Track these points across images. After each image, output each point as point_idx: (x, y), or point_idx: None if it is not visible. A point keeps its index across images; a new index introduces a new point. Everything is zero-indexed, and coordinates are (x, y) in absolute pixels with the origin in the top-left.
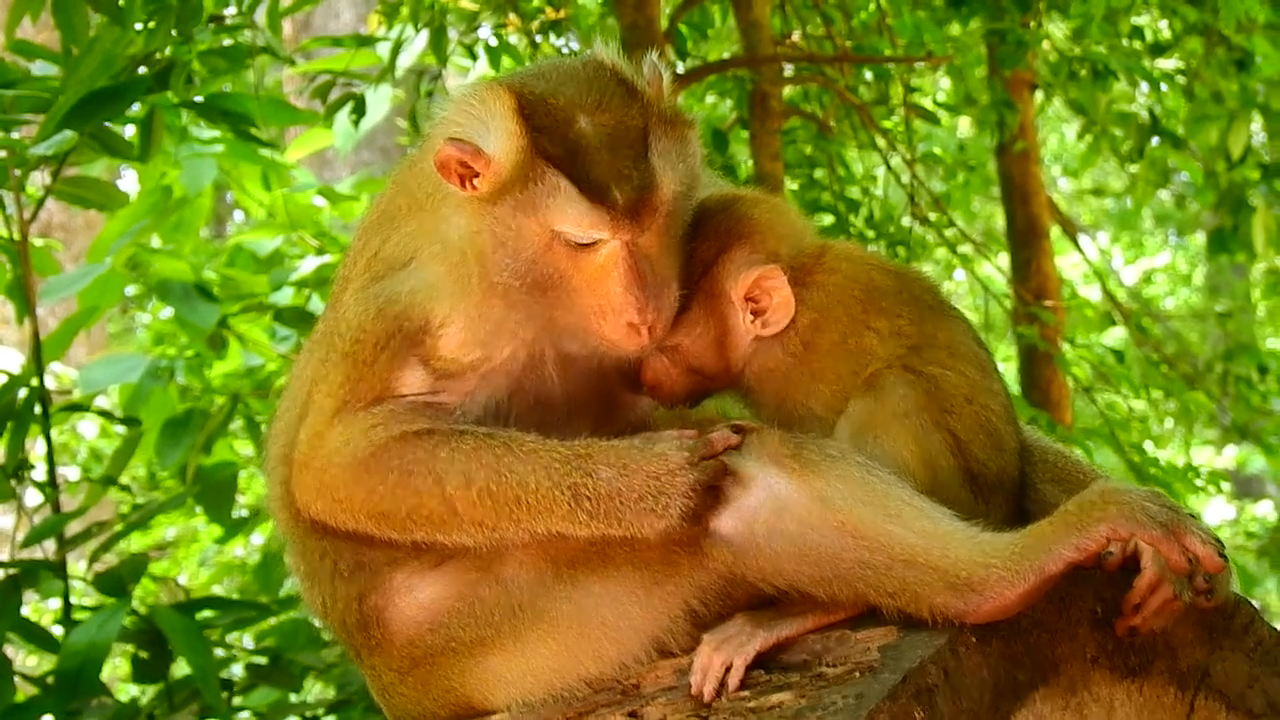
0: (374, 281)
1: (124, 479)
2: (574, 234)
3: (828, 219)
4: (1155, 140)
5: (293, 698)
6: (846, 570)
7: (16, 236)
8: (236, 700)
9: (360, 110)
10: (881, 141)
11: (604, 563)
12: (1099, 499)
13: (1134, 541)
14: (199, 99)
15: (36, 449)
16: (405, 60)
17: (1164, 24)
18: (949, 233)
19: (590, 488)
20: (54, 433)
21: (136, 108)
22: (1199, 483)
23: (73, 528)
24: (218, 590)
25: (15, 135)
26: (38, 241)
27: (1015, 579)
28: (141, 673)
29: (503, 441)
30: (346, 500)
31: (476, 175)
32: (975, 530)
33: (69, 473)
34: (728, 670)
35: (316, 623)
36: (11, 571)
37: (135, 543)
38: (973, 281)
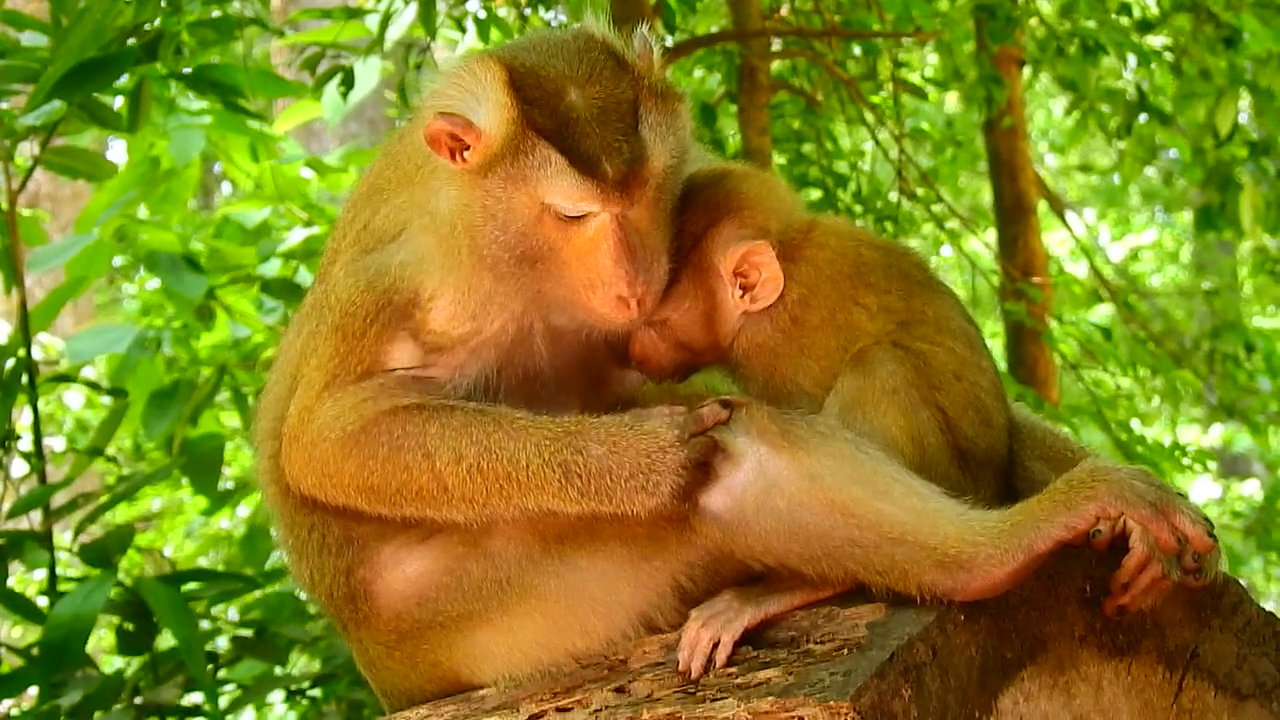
0: (363, 254)
1: (110, 450)
2: (564, 206)
3: (815, 194)
4: (1143, 117)
5: (278, 670)
6: (835, 548)
7: (4, 206)
8: (222, 673)
9: (349, 82)
10: (870, 116)
11: (592, 538)
12: (1088, 477)
13: (1123, 520)
14: (188, 70)
15: (23, 419)
16: (394, 32)
17: (1152, 1)
18: (936, 208)
19: (581, 465)
20: (40, 403)
21: (125, 79)
22: (1185, 461)
23: (58, 499)
24: (203, 562)
25: (4, 105)
26: (25, 212)
27: (1004, 557)
28: (127, 645)
29: (493, 418)
30: (336, 474)
31: (467, 148)
32: (964, 508)
33: (55, 443)
34: (715, 646)
35: (302, 595)
36: None
37: (121, 514)
38: (960, 257)
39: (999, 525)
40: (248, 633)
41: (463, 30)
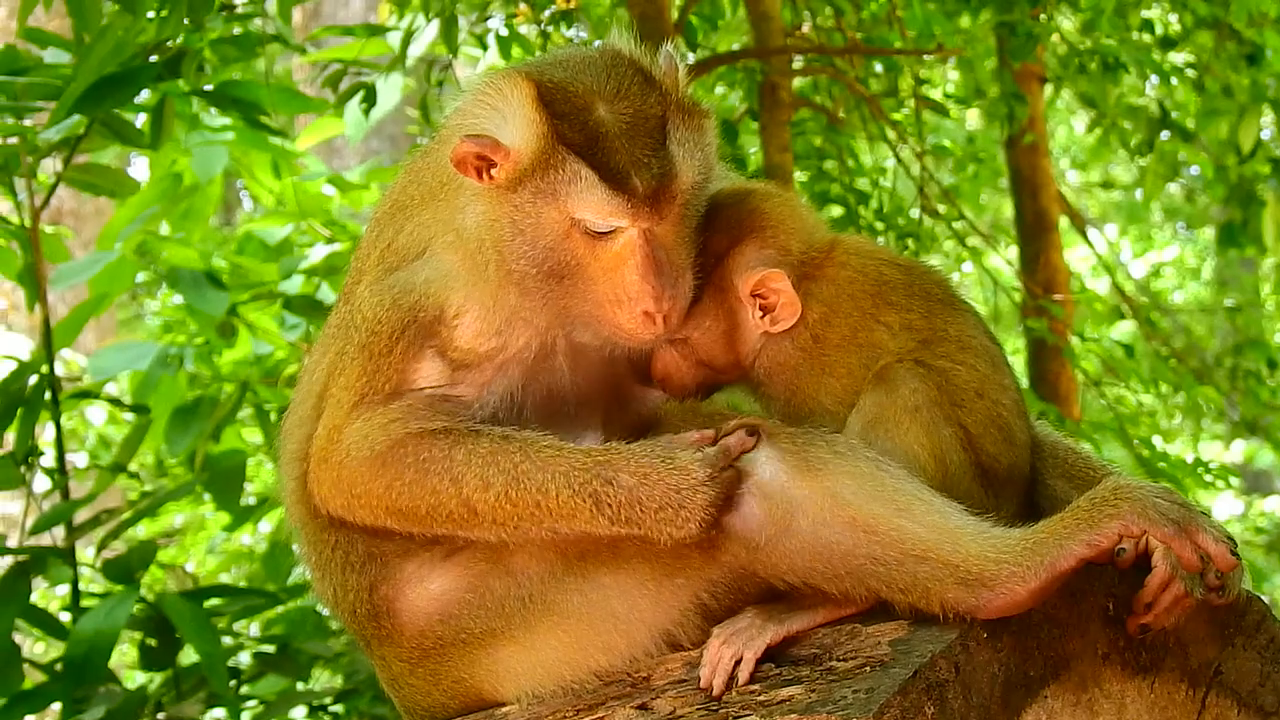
0: (388, 273)
1: (133, 466)
2: (593, 222)
3: (837, 211)
4: (1165, 134)
5: (300, 686)
6: (858, 566)
7: (28, 223)
8: (244, 688)
9: (371, 99)
10: (891, 133)
11: (615, 556)
12: (1112, 495)
13: (1146, 538)
14: (210, 87)
15: (45, 435)
16: (416, 49)
17: (1174, 18)
18: (958, 225)
19: (610, 495)
20: (63, 419)
21: (147, 95)
22: (1208, 477)
23: (81, 515)
24: (225, 578)
25: (28, 122)
26: (48, 228)
27: (1027, 575)
28: (149, 660)
29: (519, 445)
30: (364, 495)
31: (494, 166)
32: (987, 525)
33: (78, 459)
34: (737, 664)
35: (324, 611)
36: (20, 558)
37: (144, 530)
38: (981, 274)
39: (1022, 543)
40: (270, 648)
41: (484, 47)
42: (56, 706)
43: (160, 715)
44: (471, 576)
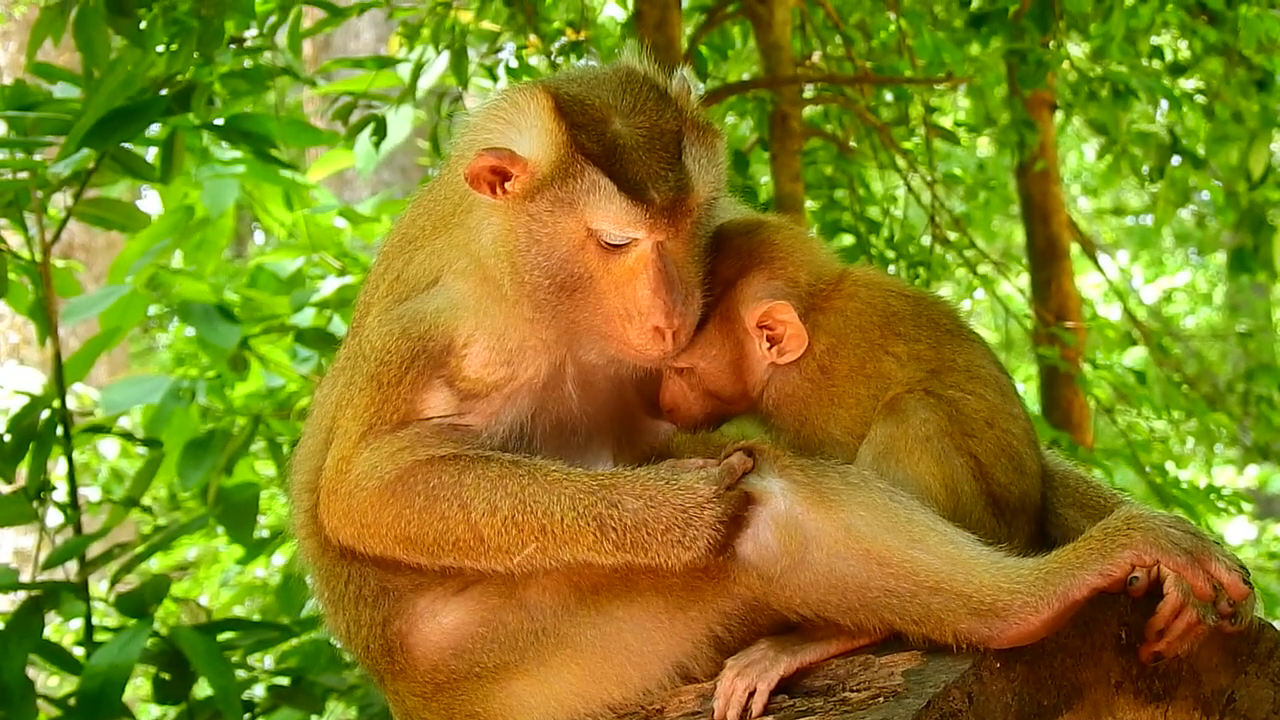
0: (397, 304)
1: (146, 500)
2: (610, 232)
3: (848, 239)
4: (1176, 160)
5: (314, 719)
6: (872, 599)
7: (39, 258)
8: None
9: (381, 132)
10: (902, 162)
11: (628, 588)
12: (1124, 525)
13: (1158, 567)
14: (220, 120)
15: (58, 470)
16: (426, 81)
17: (1184, 44)
18: (969, 253)
19: (616, 519)
20: (75, 453)
21: (158, 129)
22: (1220, 504)
23: (94, 549)
24: (239, 611)
25: (38, 157)
26: (59, 263)
27: (1040, 605)
28: (163, 694)
29: (527, 469)
30: (374, 524)
31: (508, 179)
32: (999, 555)
33: (90, 494)
34: (751, 695)
35: (338, 644)
36: (34, 593)
37: (157, 564)
38: (993, 301)
39: (1034, 573)
40: (284, 681)
41: (495, 79)
42: None
43: None
44: (484, 611)
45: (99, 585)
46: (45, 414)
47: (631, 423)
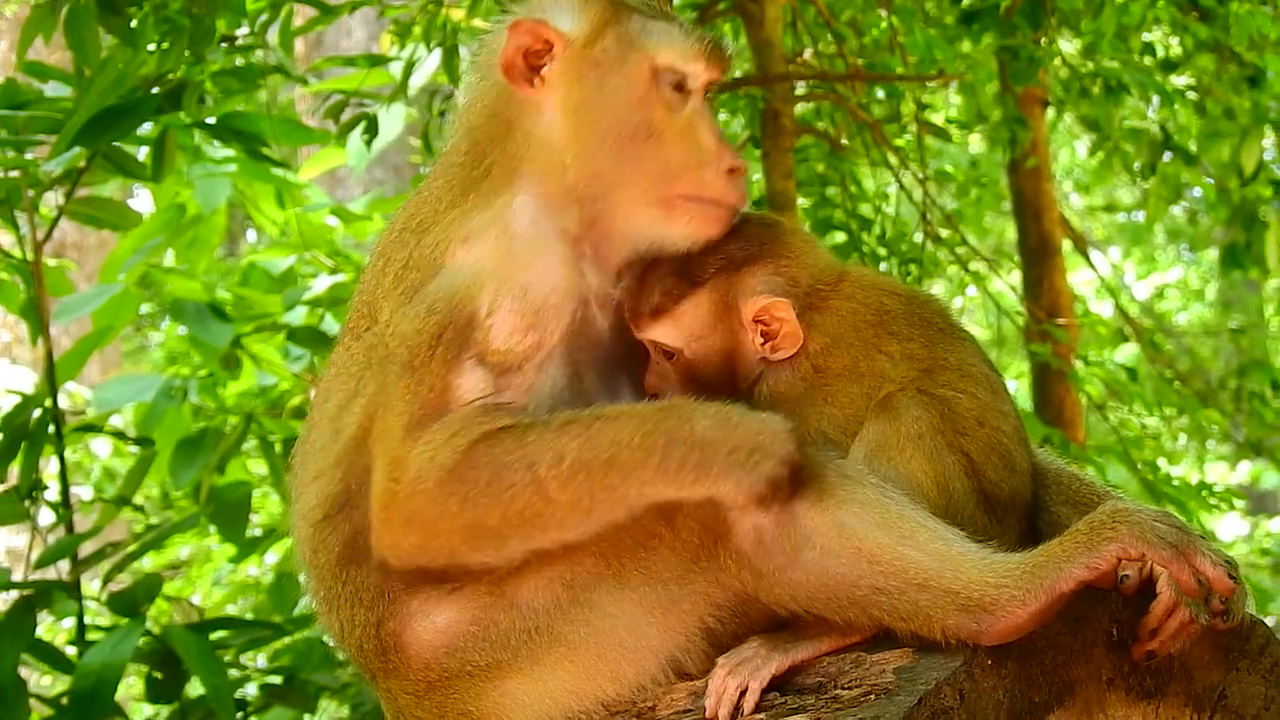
0: (414, 290)
1: (138, 499)
2: (677, 65)
3: (840, 237)
4: (1167, 156)
5: (307, 718)
6: (862, 596)
7: (30, 256)
8: None
9: (373, 130)
10: (893, 159)
11: (619, 583)
12: (1109, 518)
13: (1150, 564)
14: (212, 119)
15: (50, 468)
16: (418, 80)
17: (1175, 40)
18: (961, 250)
19: (684, 433)
20: (67, 452)
21: (149, 128)
22: (1212, 500)
23: (86, 548)
24: (231, 610)
25: (29, 156)
26: (51, 261)
27: (1027, 598)
28: (156, 693)
29: (594, 410)
30: (440, 519)
31: (541, 59)
32: (987, 551)
33: (82, 492)
34: (743, 694)
35: (331, 642)
36: (26, 592)
37: (149, 563)
38: (985, 298)
39: (1021, 566)
40: (277, 680)
41: None
42: None
43: None
44: (476, 609)
45: (91, 584)
46: (37, 413)
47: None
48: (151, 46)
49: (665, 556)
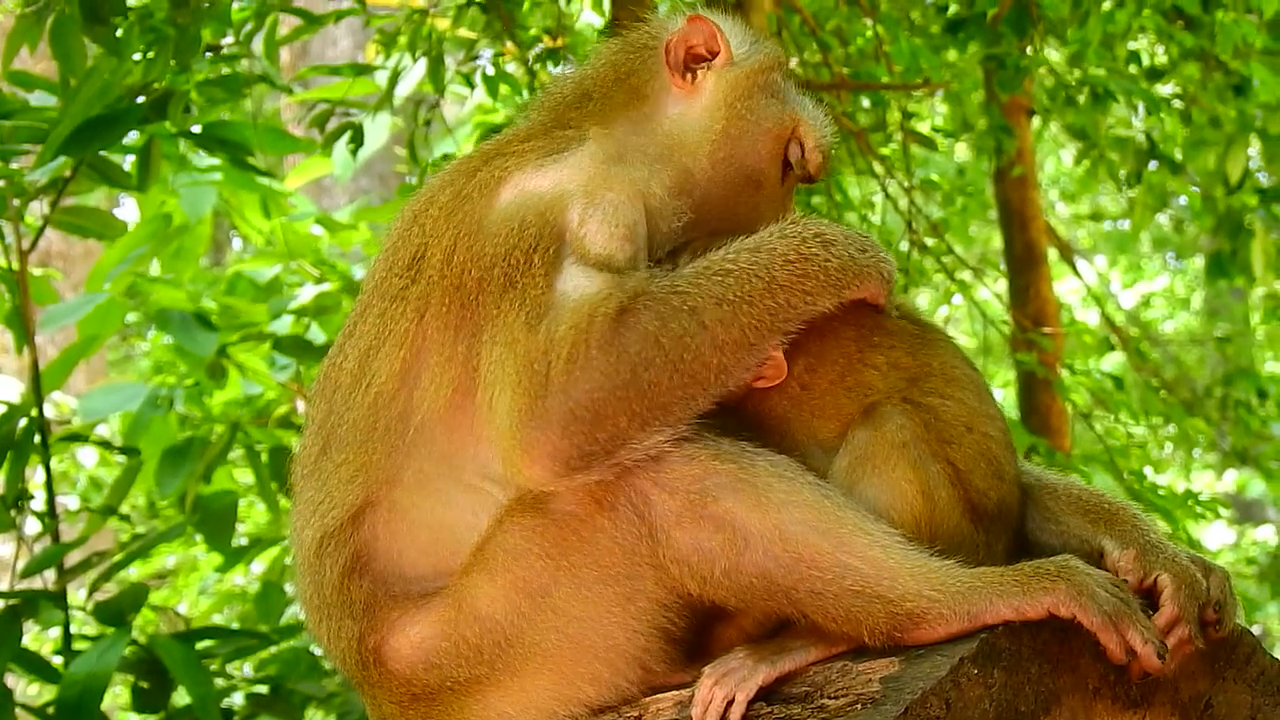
0: (474, 222)
1: (124, 508)
2: (807, 144)
3: None
4: (1153, 165)
5: None
6: (798, 598)
7: (15, 266)
8: None
9: (358, 139)
10: (879, 168)
11: (575, 581)
12: (1056, 571)
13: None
14: (197, 128)
15: (36, 478)
16: (403, 89)
17: (1161, 49)
18: (947, 258)
19: (831, 233)
20: (53, 462)
21: (135, 137)
22: (1199, 508)
23: (72, 557)
24: (218, 619)
25: (14, 165)
26: (36, 271)
27: (951, 618)
28: (142, 703)
29: (732, 253)
30: (611, 392)
31: (702, 64)
32: (924, 558)
33: (68, 502)
34: (729, 704)
35: (318, 651)
36: (12, 601)
37: (135, 572)
38: (971, 307)
39: (956, 584)
40: (263, 689)
41: (471, 86)
42: None
43: None
44: (443, 624)
45: (77, 594)
46: (23, 422)
47: None
48: (137, 56)
49: (609, 548)
